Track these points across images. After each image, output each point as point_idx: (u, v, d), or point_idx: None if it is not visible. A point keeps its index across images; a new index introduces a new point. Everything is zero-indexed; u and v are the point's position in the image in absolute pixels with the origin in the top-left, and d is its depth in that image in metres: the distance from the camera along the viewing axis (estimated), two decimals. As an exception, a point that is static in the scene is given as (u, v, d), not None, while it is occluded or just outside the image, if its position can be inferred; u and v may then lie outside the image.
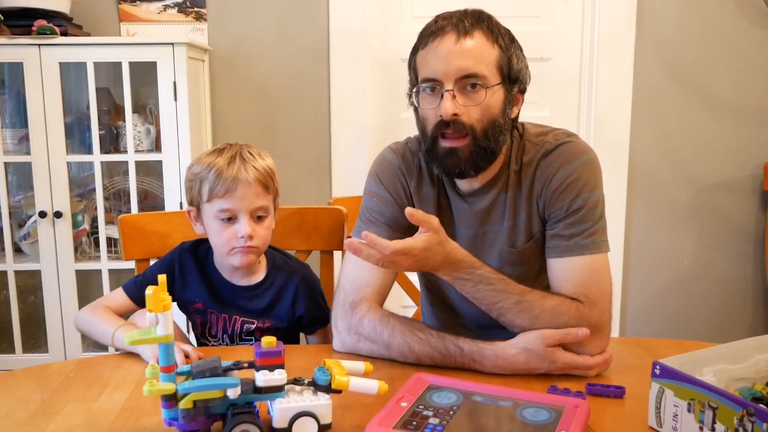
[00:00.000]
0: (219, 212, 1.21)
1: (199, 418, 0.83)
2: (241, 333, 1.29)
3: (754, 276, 2.60)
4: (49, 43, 2.00)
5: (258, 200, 1.22)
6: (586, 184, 1.13)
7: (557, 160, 1.15)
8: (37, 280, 2.15)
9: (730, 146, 2.51)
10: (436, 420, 0.85)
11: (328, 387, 0.87)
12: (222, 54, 2.37)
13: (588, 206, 1.12)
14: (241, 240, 1.21)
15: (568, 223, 1.12)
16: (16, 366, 1.60)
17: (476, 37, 1.10)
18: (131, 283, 1.30)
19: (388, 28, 2.43)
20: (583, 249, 1.11)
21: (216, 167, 1.21)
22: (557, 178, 1.14)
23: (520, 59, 1.16)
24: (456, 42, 1.09)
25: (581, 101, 2.51)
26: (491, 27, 1.12)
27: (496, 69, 1.11)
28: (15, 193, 2.24)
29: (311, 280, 1.34)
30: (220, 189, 1.20)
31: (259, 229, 1.24)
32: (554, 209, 1.14)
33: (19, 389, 1.03)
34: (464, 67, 1.09)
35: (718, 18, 2.43)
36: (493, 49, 1.11)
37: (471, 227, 1.22)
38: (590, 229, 1.12)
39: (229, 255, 1.24)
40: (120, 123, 2.20)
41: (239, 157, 1.23)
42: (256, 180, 1.22)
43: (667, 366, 0.85)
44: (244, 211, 1.21)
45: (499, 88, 1.12)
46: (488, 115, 1.11)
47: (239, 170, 1.21)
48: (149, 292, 0.80)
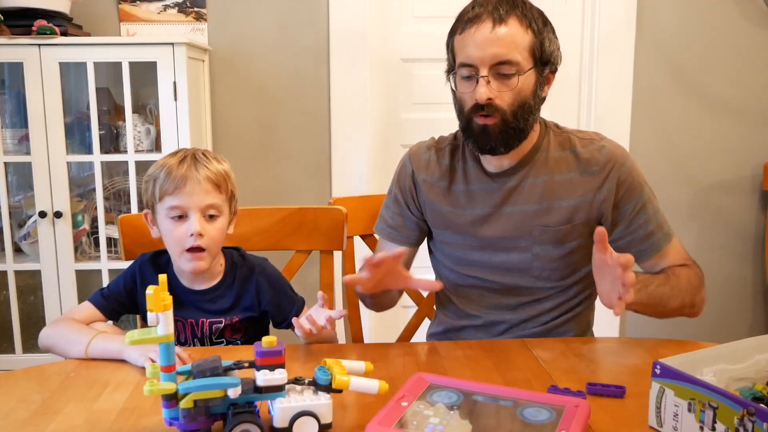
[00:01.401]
0: (169, 210, 1.22)
1: (200, 418, 0.83)
2: (211, 335, 1.29)
3: (754, 276, 2.60)
4: (49, 43, 2.00)
5: (208, 198, 1.22)
6: (642, 181, 1.29)
7: (613, 160, 1.27)
8: (37, 280, 2.15)
9: (730, 146, 2.51)
10: (437, 420, 0.85)
11: (328, 386, 0.87)
12: (222, 54, 2.37)
13: (650, 198, 1.29)
14: (190, 239, 1.21)
15: (641, 223, 1.27)
16: (16, 366, 1.60)
17: (510, 23, 1.17)
18: (97, 295, 1.29)
19: (388, 28, 2.43)
20: (665, 239, 1.29)
21: (167, 166, 1.23)
22: (622, 178, 1.26)
23: (552, 41, 1.24)
24: (492, 29, 1.16)
25: (581, 101, 2.51)
26: (525, 12, 1.19)
27: (528, 53, 1.19)
28: (15, 193, 2.24)
29: (270, 270, 1.34)
30: (170, 186, 1.21)
31: (210, 228, 1.23)
32: (625, 206, 1.27)
33: (19, 389, 1.03)
34: (499, 54, 1.16)
35: (718, 18, 2.43)
36: (527, 34, 1.18)
37: (497, 206, 1.29)
38: (658, 218, 1.29)
39: (181, 258, 1.23)
40: (120, 123, 2.20)
41: (191, 157, 1.24)
42: (207, 178, 1.22)
43: (667, 366, 0.85)
44: (194, 208, 1.22)
45: (531, 72, 1.20)
46: (520, 99, 1.20)
47: (189, 168, 1.22)
48: (149, 292, 0.80)
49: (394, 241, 1.39)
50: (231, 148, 2.40)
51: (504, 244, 1.30)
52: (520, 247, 1.29)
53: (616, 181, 1.26)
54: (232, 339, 1.31)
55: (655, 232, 1.28)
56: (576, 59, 2.50)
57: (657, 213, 1.29)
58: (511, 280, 1.31)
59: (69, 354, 1.16)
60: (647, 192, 1.29)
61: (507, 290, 1.32)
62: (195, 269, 1.23)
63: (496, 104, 1.19)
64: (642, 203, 1.28)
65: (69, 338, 1.18)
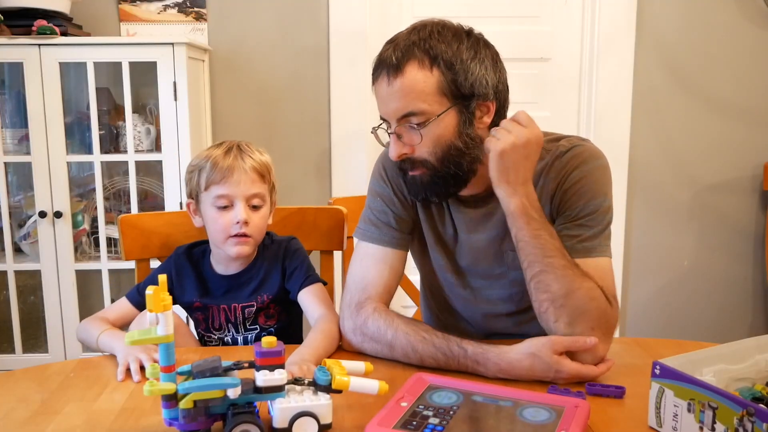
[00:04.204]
0: (216, 199, 1.25)
1: (200, 418, 0.83)
2: (244, 321, 1.31)
3: (754, 276, 2.60)
4: (49, 43, 2.00)
5: (254, 187, 1.26)
6: (600, 189, 1.12)
7: (574, 160, 1.12)
8: (37, 280, 2.15)
9: (730, 146, 2.51)
10: (436, 420, 0.85)
11: (328, 387, 0.87)
12: (222, 54, 2.37)
13: (600, 210, 1.11)
14: (236, 226, 1.24)
15: (578, 224, 1.11)
16: (16, 366, 1.61)
17: (407, 71, 1.04)
18: (133, 291, 1.32)
19: (388, 28, 2.42)
20: (593, 251, 1.09)
21: (213, 157, 1.26)
22: (572, 178, 1.12)
23: (473, 70, 1.06)
24: (388, 84, 1.06)
25: (581, 101, 2.51)
26: (427, 48, 1.05)
27: (438, 95, 1.05)
28: (15, 193, 2.24)
29: (294, 245, 1.35)
30: (217, 176, 1.24)
31: (255, 217, 1.26)
32: (566, 209, 1.12)
33: (19, 389, 1.03)
34: (399, 108, 1.06)
35: (718, 18, 2.43)
36: (431, 75, 1.05)
37: (472, 232, 1.21)
38: (600, 233, 1.11)
39: (225, 244, 1.26)
40: (120, 123, 2.20)
41: (236, 148, 1.28)
42: (252, 168, 1.26)
43: (667, 366, 0.85)
44: (240, 197, 1.24)
45: (450, 112, 1.07)
46: (440, 144, 1.08)
47: (235, 158, 1.25)
48: (149, 292, 0.80)
49: (381, 242, 1.21)
50: (231, 148, 2.40)
51: (477, 271, 1.22)
52: (495, 275, 1.21)
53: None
54: (266, 326, 1.32)
55: (588, 238, 1.11)
56: (576, 59, 2.50)
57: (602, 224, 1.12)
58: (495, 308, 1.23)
59: (93, 349, 1.22)
60: (603, 200, 1.12)
61: (492, 331, 1.26)
62: (240, 253, 1.26)
63: (415, 157, 1.09)
64: (591, 209, 1.11)
65: (88, 334, 1.22)
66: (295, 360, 1.02)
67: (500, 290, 1.22)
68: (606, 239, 1.12)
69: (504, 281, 1.21)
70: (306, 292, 1.28)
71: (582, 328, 1.03)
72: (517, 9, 2.44)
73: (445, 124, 1.07)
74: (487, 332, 1.27)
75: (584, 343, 1.02)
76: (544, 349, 1.01)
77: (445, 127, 1.07)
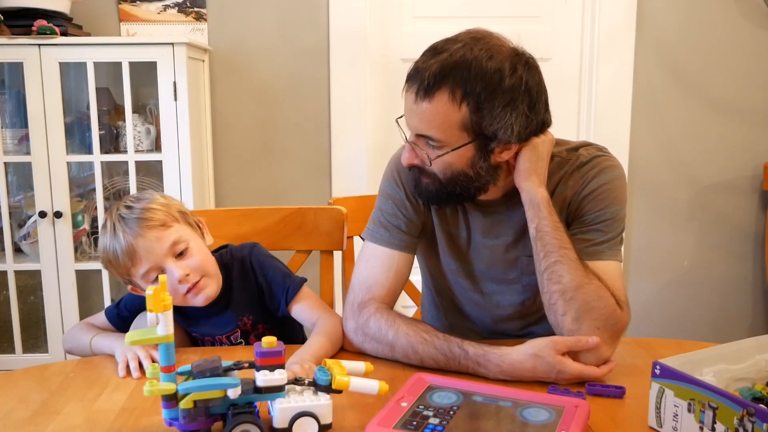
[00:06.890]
0: (143, 279, 1.16)
1: (200, 418, 0.83)
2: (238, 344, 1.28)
3: (754, 276, 2.60)
4: (49, 43, 2.00)
5: (164, 243, 1.15)
6: (618, 197, 1.14)
7: (594, 169, 1.14)
8: (37, 280, 2.15)
9: (730, 146, 2.51)
10: (436, 420, 0.85)
11: (328, 387, 0.87)
12: (222, 54, 2.37)
13: (617, 218, 1.14)
14: (181, 286, 1.16)
15: (593, 228, 1.12)
16: (16, 366, 1.60)
17: (437, 98, 1.02)
18: (112, 308, 1.29)
19: (388, 28, 2.43)
20: (603, 254, 1.11)
21: (108, 251, 1.16)
22: (592, 185, 1.13)
23: (500, 116, 1.03)
24: (414, 101, 1.04)
25: (581, 101, 2.51)
26: (462, 82, 1.01)
27: (459, 130, 1.04)
28: (15, 193, 2.24)
29: (257, 257, 1.28)
30: (126, 263, 1.14)
31: (191, 261, 1.17)
32: (583, 214, 1.14)
33: (19, 389, 1.03)
34: (419, 128, 1.07)
35: (719, 18, 2.43)
36: (458, 111, 1.02)
37: (486, 236, 1.21)
38: (613, 239, 1.13)
39: (187, 299, 1.19)
40: (120, 123, 2.20)
41: (120, 222, 1.15)
42: (147, 230, 1.14)
43: (667, 366, 0.85)
44: (161, 261, 1.15)
45: (469, 146, 1.06)
46: (451, 170, 1.08)
47: (126, 234, 1.13)
48: (149, 292, 0.80)
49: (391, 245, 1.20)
50: (231, 148, 2.40)
51: (491, 276, 1.23)
52: (508, 280, 1.22)
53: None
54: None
55: (601, 242, 1.13)
56: (576, 59, 2.50)
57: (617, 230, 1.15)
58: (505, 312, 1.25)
59: (84, 355, 1.20)
60: (620, 208, 1.15)
61: (498, 332, 1.27)
62: (207, 298, 1.20)
63: (425, 169, 1.09)
64: (608, 216, 1.14)
65: (79, 341, 1.21)
66: (296, 360, 1.02)
67: (512, 296, 1.23)
68: (618, 245, 1.14)
69: (517, 286, 1.22)
70: (295, 305, 1.24)
71: (587, 326, 1.04)
72: (517, 9, 2.44)
73: (459, 155, 1.07)
74: (492, 333, 1.28)
75: (586, 342, 1.02)
76: (546, 350, 1.01)
77: (459, 158, 1.07)
